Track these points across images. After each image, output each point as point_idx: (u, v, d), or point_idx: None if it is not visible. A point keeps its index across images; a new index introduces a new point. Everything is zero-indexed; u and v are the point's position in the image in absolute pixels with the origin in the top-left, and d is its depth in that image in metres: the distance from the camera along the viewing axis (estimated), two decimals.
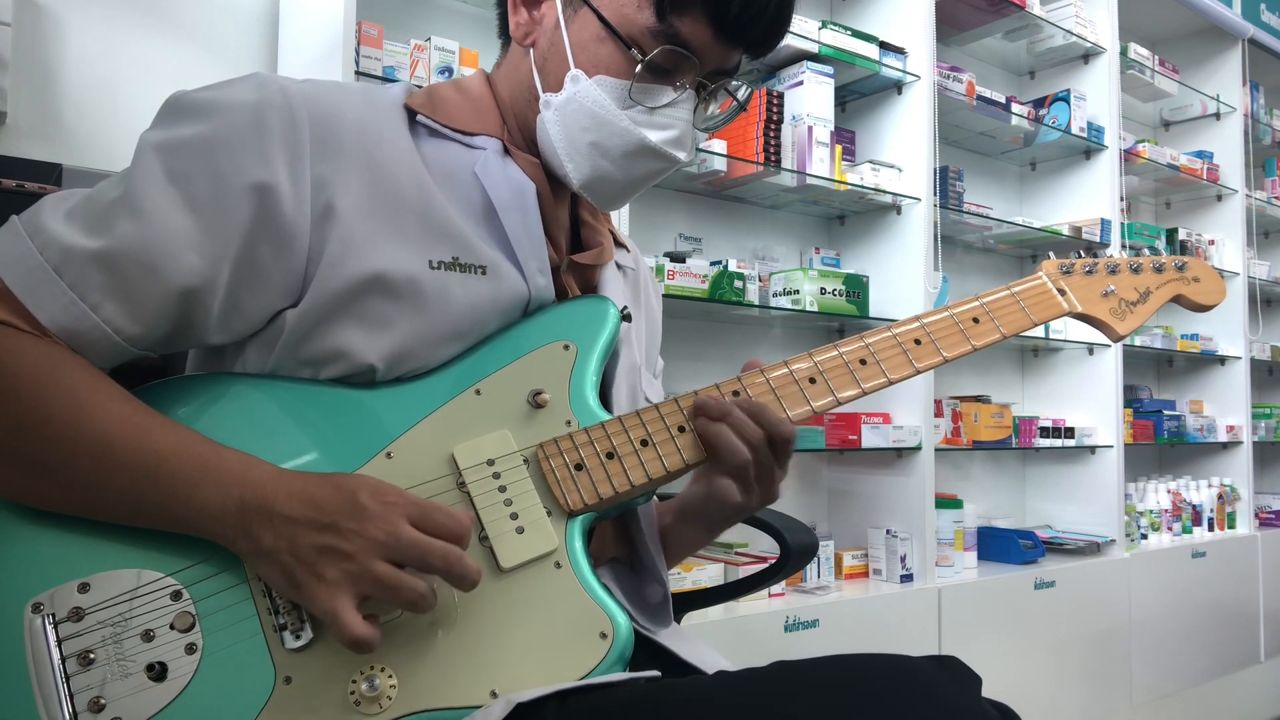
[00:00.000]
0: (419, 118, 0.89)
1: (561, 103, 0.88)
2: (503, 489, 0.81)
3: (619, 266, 1.03)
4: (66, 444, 0.72)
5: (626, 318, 0.92)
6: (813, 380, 0.91)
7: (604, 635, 0.76)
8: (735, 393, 0.89)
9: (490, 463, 0.81)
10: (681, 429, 0.86)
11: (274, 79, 0.82)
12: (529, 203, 0.89)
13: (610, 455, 0.84)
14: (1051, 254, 1.06)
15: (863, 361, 0.92)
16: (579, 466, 0.83)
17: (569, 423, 0.84)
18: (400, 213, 0.83)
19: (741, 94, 0.94)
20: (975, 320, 0.97)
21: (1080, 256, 1.04)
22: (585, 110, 0.87)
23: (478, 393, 0.84)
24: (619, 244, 1.06)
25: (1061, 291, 1.01)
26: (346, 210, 0.80)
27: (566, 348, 0.87)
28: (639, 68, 0.86)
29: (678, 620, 1.11)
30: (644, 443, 0.85)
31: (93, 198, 0.78)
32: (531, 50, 0.91)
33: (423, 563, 0.71)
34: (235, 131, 0.78)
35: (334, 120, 0.82)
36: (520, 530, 0.79)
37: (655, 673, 0.77)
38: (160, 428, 0.74)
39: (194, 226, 0.77)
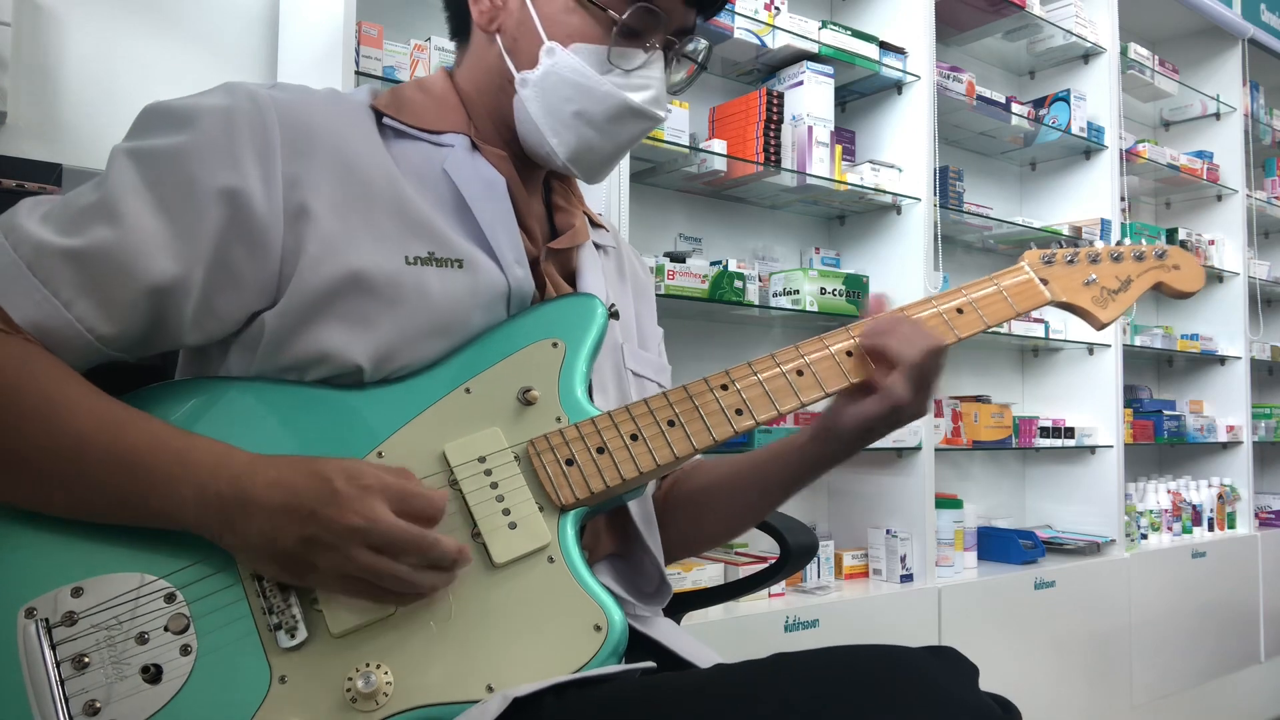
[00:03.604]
0: (385, 119, 0.90)
1: (539, 77, 0.90)
2: (494, 485, 0.81)
3: (598, 246, 1.05)
4: (42, 443, 0.72)
5: (614, 315, 0.93)
6: (800, 373, 0.92)
7: (598, 628, 0.76)
8: (724, 386, 0.90)
9: (482, 459, 0.81)
10: (670, 423, 0.87)
11: (243, 85, 0.83)
12: (500, 196, 0.90)
13: (601, 450, 0.84)
14: (1033, 245, 1.07)
15: (849, 354, 0.93)
16: (570, 462, 0.83)
17: (559, 419, 0.85)
18: (374, 210, 0.84)
19: (701, 56, 0.98)
20: (959, 311, 0.98)
21: (1062, 246, 1.05)
22: (565, 80, 0.89)
23: (467, 391, 0.84)
24: (596, 224, 1.07)
25: (1044, 281, 1.03)
26: (321, 210, 0.81)
27: (555, 345, 0.87)
28: (615, 30, 0.88)
29: (677, 620, 1.11)
30: (634, 437, 0.85)
31: (68, 202, 0.79)
32: (499, 35, 0.93)
33: (398, 549, 0.72)
34: (206, 138, 0.79)
35: (304, 121, 0.83)
36: (513, 526, 0.79)
37: (651, 663, 0.78)
38: (134, 423, 0.75)
39: (166, 230, 0.78)
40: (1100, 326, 1.04)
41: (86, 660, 0.70)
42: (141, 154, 0.79)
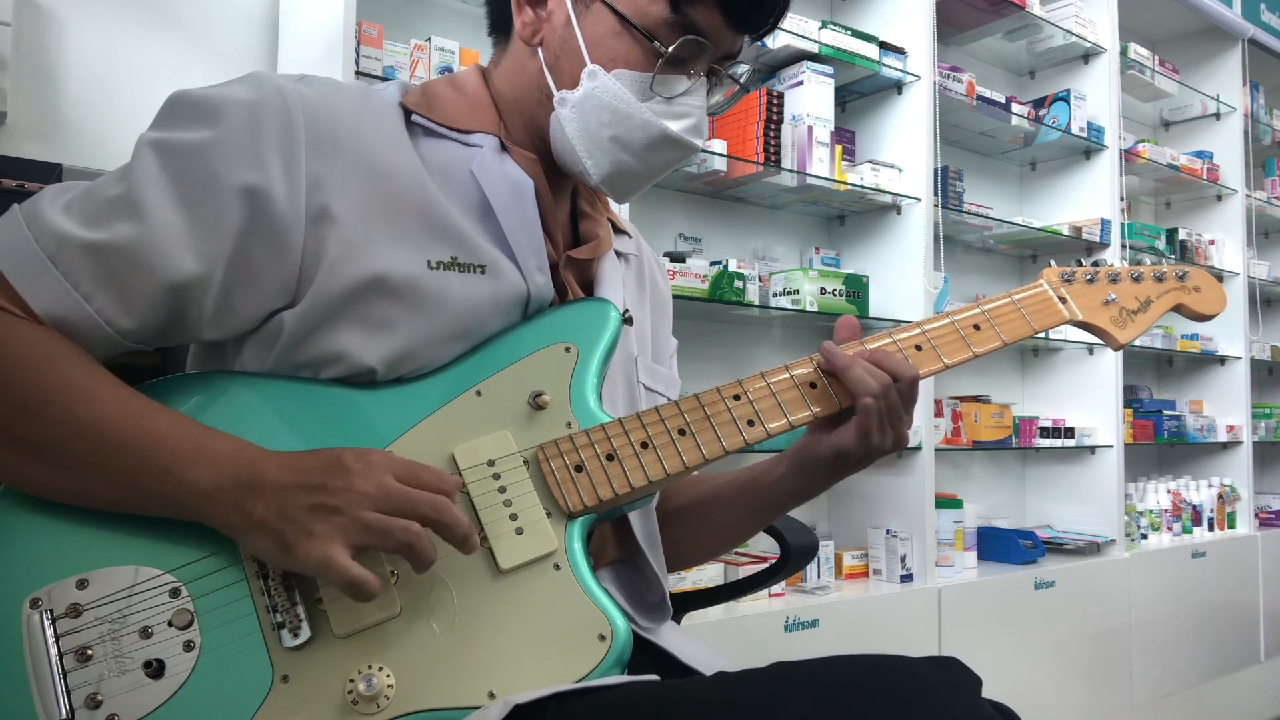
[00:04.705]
0: (414, 117, 0.89)
1: (579, 99, 0.88)
2: (502, 490, 0.80)
3: (620, 254, 1.03)
4: (62, 426, 0.73)
5: (628, 321, 0.92)
6: (813, 385, 0.91)
7: (602, 637, 0.76)
8: (735, 396, 0.89)
9: (490, 463, 0.81)
10: (681, 431, 0.86)
11: (271, 78, 0.82)
12: (526, 200, 0.89)
13: (610, 457, 0.83)
14: (1053, 261, 1.06)
15: None
16: (579, 468, 0.82)
17: (569, 424, 0.84)
18: (398, 212, 0.83)
19: (744, 78, 0.95)
20: (976, 327, 0.97)
21: (1081, 264, 1.04)
22: (605, 105, 0.87)
23: (478, 394, 0.84)
24: (620, 230, 1.06)
25: (1063, 299, 1.01)
26: (344, 212, 0.80)
27: (568, 350, 0.87)
28: (661, 60, 0.86)
29: (678, 620, 1.10)
30: (644, 445, 0.85)
31: (91, 192, 0.78)
32: (540, 50, 0.91)
33: (412, 512, 0.71)
34: (230, 133, 0.79)
35: (331, 120, 0.82)
36: (519, 531, 0.79)
37: (654, 676, 0.77)
38: (154, 411, 0.75)
39: (188, 226, 0.77)
40: (1118, 347, 1.03)
41: (90, 653, 0.71)
42: (165, 146, 0.79)
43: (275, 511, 0.71)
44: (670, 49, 0.86)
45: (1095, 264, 1.04)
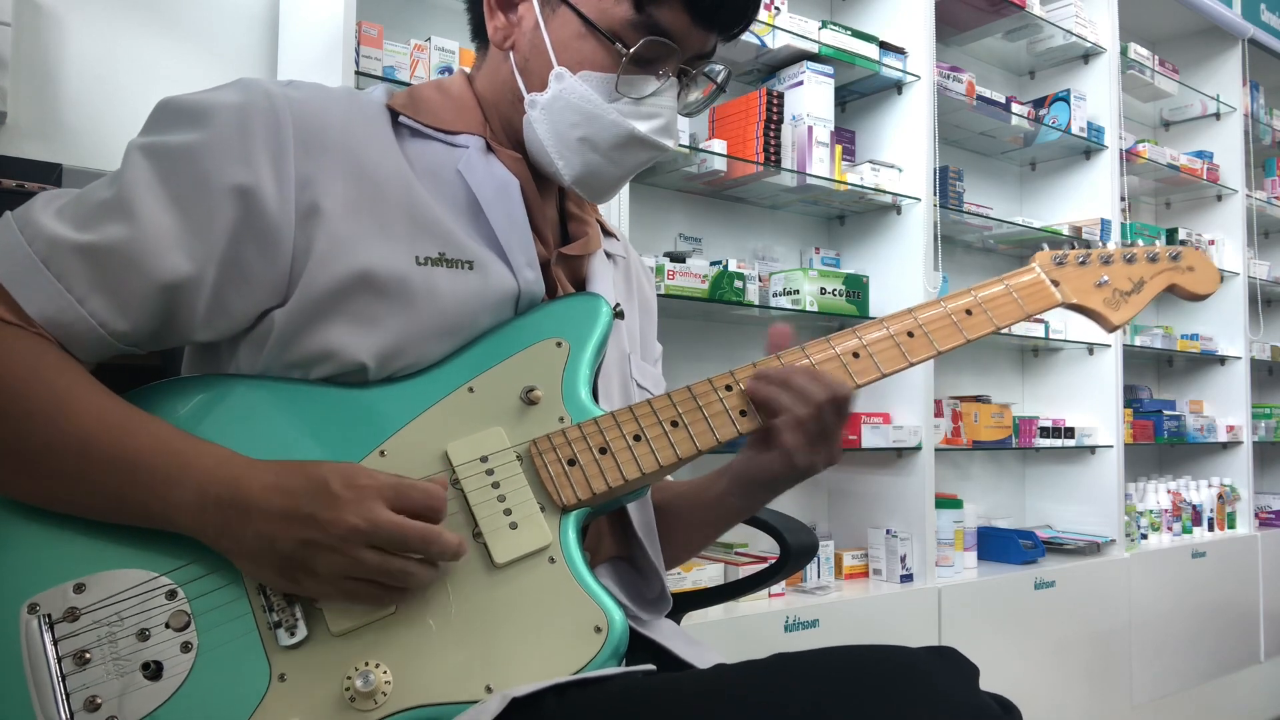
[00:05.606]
0: (401, 118, 0.90)
1: (548, 101, 0.89)
2: (496, 485, 0.81)
3: (609, 255, 1.04)
4: (47, 439, 0.73)
5: (619, 315, 0.93)
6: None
7: (598, 629, 0.76)
8: (728, 386, 0.89)
9: (484, 459, 0.81)
10: (674, 423, 0.87)
11: (258, 82, 0.83)
12: (513, 198, 0.90)
13: (603, 450, 0.84)
14: (1045, 245, 1.06)
15: (855, 355, 0.93)
16: (572, 462, 0.83)
17: (562, 419, 0.85)
18: (386, 210, 0.84)
19: (720, 77, 0.96)
20: (968, 312, 0.97)
21: (1074, 247, 1.04)
22: (572, 106, 0.89)
23: (470, 390, 0.84)
24: (608, 233, 1.07)
25: (1055, 283, 1.01)
26: (332, 209, 0.81)
27: (559, 345, 0.87)
28: (624, 61, 0.87)
29: (677, 621, 1.11)
30: (636, 437, 0.85)
31: (83, 197, 0.79)
32: (512, 53, 0.92)
33: (402, 546, 0.72)
34: (219, 135, 0.79)
35: (318, 120, 0.83)
36: (514, 526, 0.79)
37: (650, 666, 0.78)
38: (139, 424, 0.75)
39: (180, 227, 0.78)
40: (1112, 329, 1.02)
41: (88, 656, 0.71)
42: (156, 150, 0.80)
43: (267, 544, 0.71)
44: (633, 49, 0.86)
45: (1088, 247, 1.04)
